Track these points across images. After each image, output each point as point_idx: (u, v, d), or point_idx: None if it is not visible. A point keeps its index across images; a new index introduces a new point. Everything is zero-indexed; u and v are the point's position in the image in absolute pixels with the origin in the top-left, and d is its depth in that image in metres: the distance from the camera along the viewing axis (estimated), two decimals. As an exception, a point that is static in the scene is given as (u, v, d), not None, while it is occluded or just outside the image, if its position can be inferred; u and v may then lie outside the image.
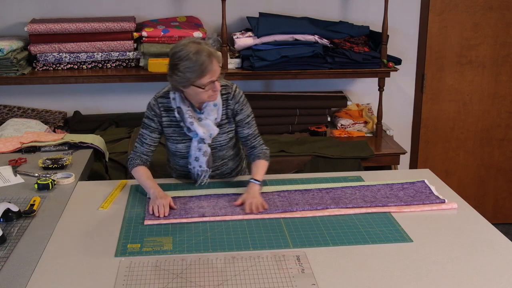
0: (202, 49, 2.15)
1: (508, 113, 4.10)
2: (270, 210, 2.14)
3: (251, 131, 2.41)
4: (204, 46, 2.17)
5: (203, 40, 2.22)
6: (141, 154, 2.39)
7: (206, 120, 2.30)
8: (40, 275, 1.71)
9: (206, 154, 2.34)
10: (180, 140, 2.37)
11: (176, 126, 2.35)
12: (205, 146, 2.33)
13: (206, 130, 2.30)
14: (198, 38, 2.20)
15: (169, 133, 2.38)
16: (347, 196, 2.25)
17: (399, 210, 2.15)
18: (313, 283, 1.67)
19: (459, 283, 1.68)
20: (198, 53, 2.14)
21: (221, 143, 2.39)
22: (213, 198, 2.24)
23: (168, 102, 2.33)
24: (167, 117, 2.35)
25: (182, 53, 2.16)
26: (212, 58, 2.16)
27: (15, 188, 2.36)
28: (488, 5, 3.87)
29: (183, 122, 2.31)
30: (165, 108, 2.34)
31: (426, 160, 4.15)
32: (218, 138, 2.37)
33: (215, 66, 2.17)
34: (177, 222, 2.06)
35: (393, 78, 3.78)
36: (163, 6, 3.68)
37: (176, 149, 2.39)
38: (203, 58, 2.13)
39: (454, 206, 2.18)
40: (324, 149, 3.26)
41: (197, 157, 2.34)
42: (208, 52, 2.15)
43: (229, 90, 2.36)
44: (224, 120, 2.37)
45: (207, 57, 2.14)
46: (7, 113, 3.56)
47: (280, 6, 3.72)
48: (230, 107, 2.36)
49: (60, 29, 3.32)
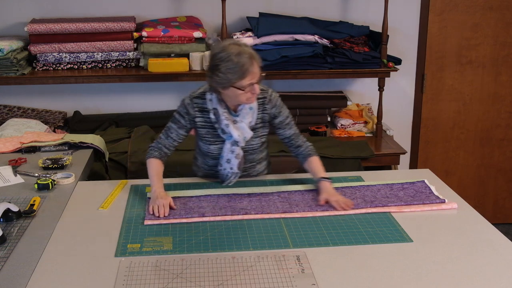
0: (244, 51, 2.14)
1: (508, 113, 4.10)
2: (270, 210, 2.14)
3: (292, 131, 2.42)
4: (245, 48, 2.16)
5: (242, 43, 2.21)
6: (162, 146, 2.38)
7: (241, 123, 2.30)
8: (40, 275, 1.71)
9: (239, 157, 2.34)
10: (213, 142, 2.37)
11: (210, 128, 2.34)
12: (238, 148, 2.34)
13: (241, 133, 2.30)
14: (238, 40, 2.19)
15: (203, 134, 2.37)
16: (347, 196, 2.25)
17: (399, 210, 2.15)
18: (313, 283, 1.67)
19: (459, 283, 1.68)
20: (240, 55, 2.13)
21: (253, 147, 2.39)
22: (213, 198, 2.24)
23: (203, 103, 2.33)
24: (202, 118, 2.34)
25: (223, 54, 2.15)
26: (253, 61, 2.15)
27: (15, 188, 2.36)
28: (488, 5, 3.87)
29: (218, 123, 2.30)
30: (200, 109, 2.33)
31: (426, 160, 4.15)
32: (251, 142, 2.37)
33: (255, 69, 2.16)
34: (177, 222, 2.06)
35: (393, 78, 3.78)
36: (163, 6, 3.68)
37: (208, 150, 2.39)
38: (244, 60, 2.13)
39: (454, 206, 2.18)
40: (324, 149, 3.26)
41: (229, 159, 2.34)
42: (250, 54, 2.15)
43: (265, 95, 2.36)
44: (258, 124, 2.37)
45: (248, 59, 2.14)
46: (7, 113, 3.56)
47: (280, 6, 3.72)
48: (266, 111, 2.36)
49: (60, 29, 3.32)
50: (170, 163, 3.05)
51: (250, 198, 2.25)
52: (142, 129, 3.41)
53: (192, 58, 3.39)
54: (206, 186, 2.39)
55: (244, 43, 2.22)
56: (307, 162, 2.41)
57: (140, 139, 3.27)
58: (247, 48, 2.17)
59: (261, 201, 2.21)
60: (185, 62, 3.37)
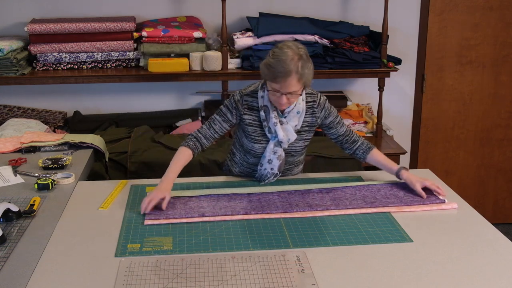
0: (288, 59, 2.11)
1: (508, 113, 4.10)
2: (270, 210, 2.14)
3: (344, 128, 2.43)
4: (294, 58, 2.12)
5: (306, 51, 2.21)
6: (202, 137, 2.37)
7: (287, 125, 2.31)
8: (40, 275, 1.71)
9: (280, 158, 2.35)
10: (259, 141, 2.37)
11: (257, 126, 2.35)
12: (281, 150, 2.34)
13: (286, 135, 2.31)
14: (302, 47, 2.19)
15: (250, 132, 2.37)
16: (347, 196, 2.25)
17: (399, 210, 2.15)
18: (313, 283, 1.67)
19: (459, 283, 1.68)
20: (282, 61, 2.12)
21: (296, 149, 2.40)
22: (213, 198, 2.24)
23: (253, 101, 2.34)
24: (250, 116, 2.35)
25: (277, 50, 2.17)
26: (291, 74, 2.12)
27: (15, 188, 2.36)
28: (488, 5, 3.87)
29: (266, 121, 2.31)
30: (249, 107, 2.34)
31: (426, 160, 4.15)
32: (295, 144, 2.37)
33: (289, 81, 2.14)
34: (177, 222, 2.06)
35: (393, 78, 3.79)
36: (163, 6, 3.68)
37: (252, 148, 2.39)
38: (280, 68, 2.12)
39: (454, 206, 2.18)
40: (324, 149, 3.25)
41: (271, 159, 2.35)
42: (291, 68, 2.11)
43: (314, 99, 2.37)
44: (304, 128, 2.37)
45: (286, 70, 2.11)
46: (7, 113, 3.56)
47: (280, 6, 3.72)
48: (315, 115, 2.37)
49: (60, 29, 3.32)
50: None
51: (250, 198, 2.25)
52: (142, 129, 3.41)
53: (192, 58, 3.39)
54: (206, 185, 2.39)
55: (303, 54, 2.16)
56: (370, 156, 2.41)
57: (140, 139, 3.27)
58: (296, 60, 2.12)
59: (261, 201, 2.21)
60: (185, 62, 3.37)
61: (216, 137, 2.40)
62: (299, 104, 2.30)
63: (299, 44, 2.21)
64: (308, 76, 2.18)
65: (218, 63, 3.36)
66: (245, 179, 2.46)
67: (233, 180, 2.48)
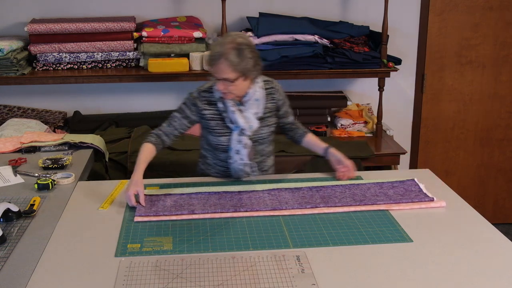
0: (223, 45, 2.21)
1: (508, 113, 4.10)
2: (259, 208, 2.15)
3: (292, 117, 2.59)
4: (228, 45, 2.20)
5: (249, 41, 2.30)
6: (162, 134, 2.43)
7: (247, 112, 2.36)
8: (40, 275, 1.71)
9: (247, 146, 2.39)
10: (223, 133, 2.41)
11: (219, 119, 2.40)
12: (246, 138, 2.39)
13: (247, 122, 2.36)
14: (240, 35, 2.30)
15: (212, 126, 2.41)
16: (336, 194, 2.27)
17: (388, 208, 2.16)
18: (313, 283, 1.67)
19: (459, 283, 1.68)
20: (215, 47, 2.24)
21: (262, 136, 2.45)
22: (204, 196, 2.26)
23: (211, 96, 2.40)
24: (210, 110, 2.40)
25: (220, 37, 2.28)
26: (221, 59, 2.20)
27: (15, 188, 2.36)
28: (488, 5, 3.87)
29: (226, 112, 2.36)
30: (208, 102, 2.40)
31: (426, 160, 4.15)
32: (260, 131, 2.43)
33: (220, 67, 2.21)
34: (168, 220, 2.07)
35: (393, 78, 3.78)
36: (163, 6, 3.68)
37: (219, 142, 2.42)
38: (213, 53, 2.24)
39: (443, 204, 2.19)
40: (324, 149, 3.25)
41: (238, 150, 2.39)
42: (223, 52, 2.19)
43: (271, 85, 2.46)
44: (267, 114, 2.44)
45: (219, 55, 2.21)
46: (7, 113, 3.56)
47: (280, 6, 3.72)
48: (274, 100, 2.46)
49: (60, 29, 3.32)
50: (168, 163, 3.06)
51: (240, 195, 2.26)
52: (142, 129, 3.41)
53: (192, 58, 3.39)
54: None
55: (242, 43, 2.24)
56: (305, 140, 2.57)
57: (140, 139, 3.25)
58: (230, 47, 2.20)
59: (251, 199, 2.23)
60: (185, 62, 3.37)
61: (176, 134, 2.46)
62: (257, 92, 2.36)
63: (243, 35, 2.30)
64: (245, 66, 2.23)
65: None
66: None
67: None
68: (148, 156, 2.36)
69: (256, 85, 2.35)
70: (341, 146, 3.31)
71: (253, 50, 2.26)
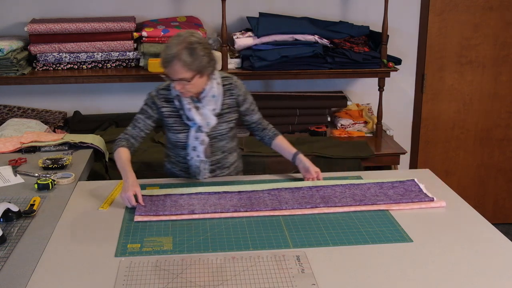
0: (172, 47, 2.20)
1: (508, 113, 4.10)
2: (260, 208, 2.15)
3: (258, 115, 2.54)
4: (178, 46, 2.19)
5: (201, 39, 2.27)
6: (129, 137, 2.44)
7: (204, 109, 2.35)
8: (40, 275, 1.71)
9: (204, 143, 2.39)
10: (181, 130, 2.42)
11: (177, 116, 2.40)
12: (203, 135, 2.38)
13: (203, 118, 2.36)
14: (190, 33, 2.27)
15: (171, 124, 2.42)
16: (336, 195, 2.27)
17: (388, 208, 2.16)
18: (313, 283, 1.67)
19: (459, 283, 1.68)
20: (166, 49, 2.22)
21: (221, 132, 2.43)
22: (204, 196, 2.26)
23: (169, 93, 2.41)
24: (168, 108, 2.41)
25: (170, 37, 2.26)
26: (173, 61, 2.19)
27: (15, 188, 2.36)
28: (488, 5, 3.87)
29: (182, 110, 2.36)
30: (166, 99, 2.41)
31: (426, 160, 4.15)
32: (219, 127, 2.42)
33: (173, 68, 2.21)
34: (168, 220, 2.08)
35: (393, 78, 3.78)
36: (163, 6, 3.68)
37: (177, 139, 2.44)
38: (164, 55, 2.22)
39: (443, 204, 2.19)
40: (324, 149, 3.26)
41: (195, 146, 2.40)
42: (175, 54, 2.18)
43: (230, 81, 2.44)
44: (225, 110, 2.42)
45: (171, 57, 2.20)
46: (7, 113, 3.56)
47: (280, 6, 3.72)
48: (233, 96, 2.44)
49: (60, 29, 3.32)
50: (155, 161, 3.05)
51: (240, 195, 2.27)
52: (142, 129, 3.40)
53: (192, 58, 3.39)
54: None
55: (193, 41, 2.22)
56: (275, 142, 2.53)
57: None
58: (181, 47, 2.19)
59: (250, 199, 2.23)
60: (185, 62, 3.36)
61: (142, 135, 2.46)
62: (213, 88, 2.35)
63: (195, 33, 2.28)
64: (199, 64, 2.22)
65: (218, 63, 3.36)
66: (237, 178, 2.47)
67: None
68: (128, 158, 2.36)
69: (213, 81, 2.35)
70: (341, 146, 3.34)
71: (206, 47, 2.25)
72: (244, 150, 3.18)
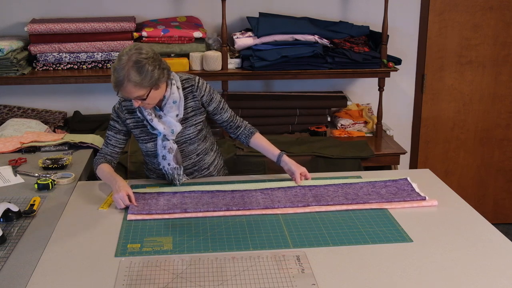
0: (119, 70, 2.12)
1: (508, 113, 4.10)
2: (252, 206, 2.15)
3: (228, 113, 2.46)
4: (124, 70, 2.11)
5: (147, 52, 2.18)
6: (105, 155, 2.41)
7: (166, 117, 2.31)
8: (40, 275, 1.71)
9: (172, 151, 2.35)
10: (149, 140, 2.39)
11: (143, 126, 2.37)
12: (169, 143, 2.34)
13: (167, 127, 2.31)
14: (142, 47, 2.17)
15: (137, 134, 2.40)
16: (329, 194, 2.27)
17: (380, 206, 2.17)
18: (313, 283, 1.67)
19: (459, 283, 1.68)
20: (115, 72, 2.15)
21: (190, 136, 2.40)
22: (197, 195, 2.27)
23: (131, 104, 2.35)
24: (132, 119, 2.37)
25: (116, 58, 2.17)
26: (123, 84, 2.13)
27: (15, 188, 2.36)
28: (488, 5, 3.87)
29: (145, 120, 2.32)
30: (129, 111, 2.37)
31: (426, 160, 4.15)
32: (186, 132, 2.38)
33: (126, 90, 2.15)
34: (161, 218, 2.08)
35: (393, 78, 3.78)
36: (163, 6, 3.68)
37: (147, 149, 2.42)
38: (113, 79, 2.16)
39: (435, 203, 2.20)
40: (324, 149, 3.26)
41: (164, 155, 2.36)
42: (121, 79, 2.12)
43: (191, 83, 2.37)
44: (190, 113, 2.38)
45: (117, 81, 2.14)
46: (7, 113, 3.56)
47: (280, 6, 3.72)
48: (196, 98, 2.37)
49: (60, 29, 3.32)
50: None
51: (233, 194, 2.27)
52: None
53: (192, 58, 3.39)
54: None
55: (136, 59, 2.12)
56: (252, 140, 2.47)
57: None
58: (128, 68, 2.10)
59: (243, 198, 2.24)
60: (185, 62, 3.37)
61: (117, 151, 2.43)
62: (173, 94, 2.29)
63: (138, 47, 2.16)
64: (150, 79, 2.14)
65: (218, 63, 3.36)
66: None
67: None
68: (111, 169, 2.35)
69: (173, 86, 2.29)
70: (341, 146, 3.34)
71: (154, 60, 2.16)
72: (244, 150, 3.19)
